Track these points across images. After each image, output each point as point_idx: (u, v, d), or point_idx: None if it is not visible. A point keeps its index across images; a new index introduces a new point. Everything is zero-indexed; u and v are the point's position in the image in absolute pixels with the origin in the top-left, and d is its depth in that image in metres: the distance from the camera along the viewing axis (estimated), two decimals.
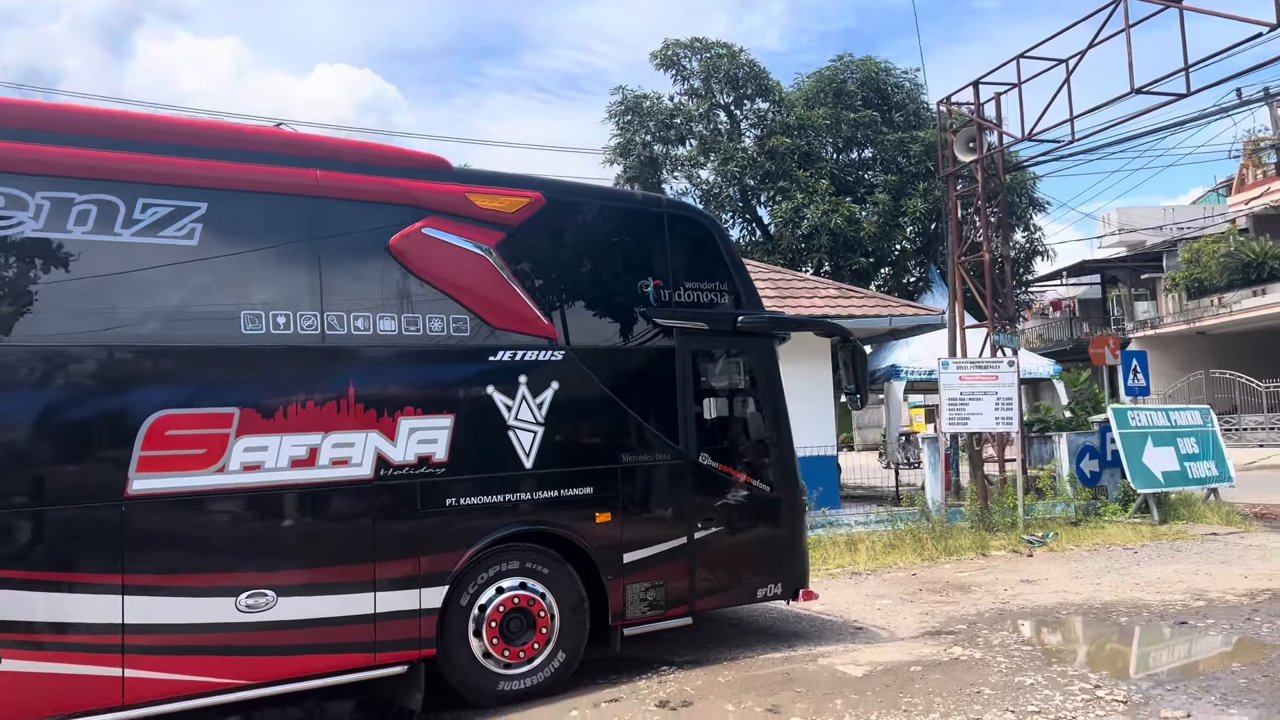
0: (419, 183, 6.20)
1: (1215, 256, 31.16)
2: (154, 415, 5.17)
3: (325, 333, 5.70)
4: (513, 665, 6.12)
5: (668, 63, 22.54)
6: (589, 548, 6.44)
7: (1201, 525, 13.00)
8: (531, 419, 6.29)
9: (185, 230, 5.38)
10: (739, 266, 7.68)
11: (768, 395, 7.44)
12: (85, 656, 4.90)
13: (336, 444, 5.63)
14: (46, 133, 5.21)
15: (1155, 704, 5.68)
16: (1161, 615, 8.03)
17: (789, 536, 7.42)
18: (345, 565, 5.65)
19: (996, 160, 14.81)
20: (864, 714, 5.57)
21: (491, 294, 6.27)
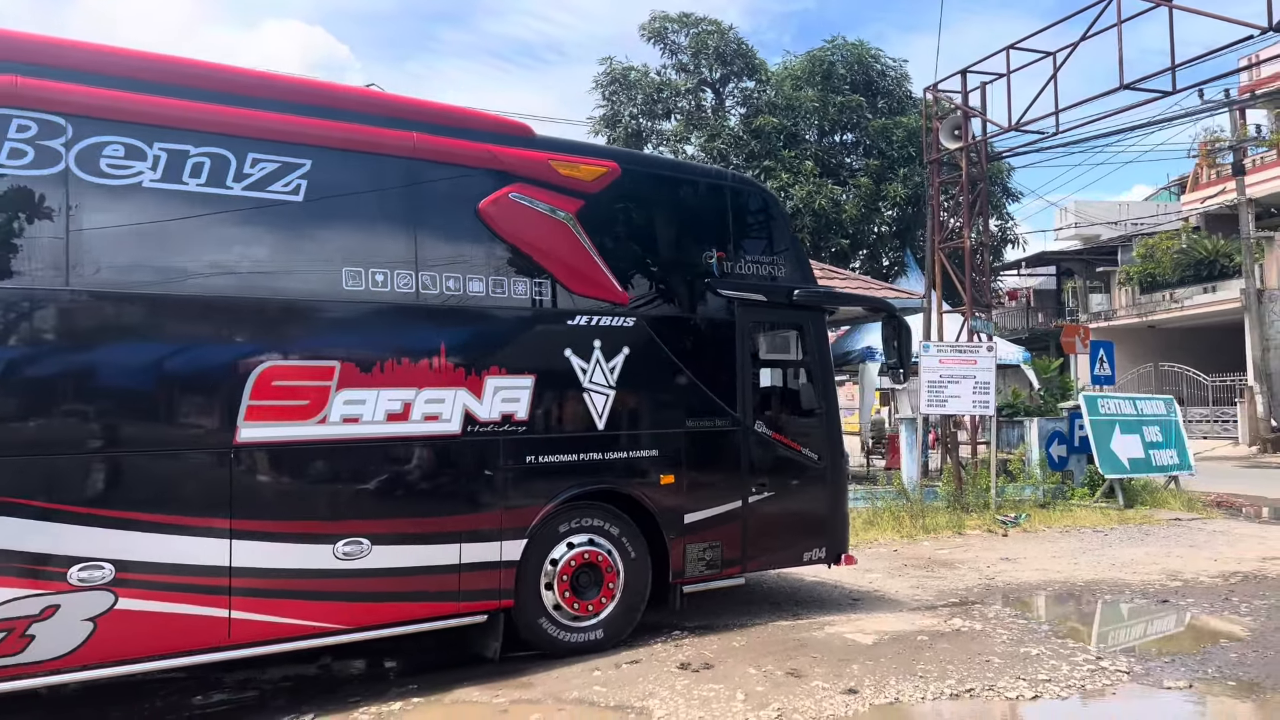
0: (507, 149, 6.32)
1: (1169, 253, 31.99)
2: (261, 366, 5.31)
3: (420, 291, 5.85)
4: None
5: (655, 35, 22.46)
6: (653, 508, 6.67)
7: (1165, 510, 13.47)
8: (604, 382, 6.49)
9: (291, 186, 5.50)
10: (795, 241, 7.99)
11: (818, 367, 7.73)
12: (195, 597, 5.08)
13: (428, 400, 5.81)
14: (162, 84, 5.27)
15: (1156, 675, 5.95)
16: (1143, 594, 8.35)
17: (833, 503, 7.70)
18: (434, 517, 5.87)
19: (981, 148, 15.06)
20: (881, 679, 5.76)
21: (571, 259, 6.44)
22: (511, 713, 5.37)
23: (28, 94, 4.83)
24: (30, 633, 4.67)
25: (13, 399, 4.75)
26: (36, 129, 4.83)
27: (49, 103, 4.88)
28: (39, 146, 4.84)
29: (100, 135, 4.98)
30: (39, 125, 4.84)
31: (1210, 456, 23.75)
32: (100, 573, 4.85)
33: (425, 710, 5.44)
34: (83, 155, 4.93)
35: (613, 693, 5.63)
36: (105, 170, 4.99)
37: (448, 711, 5.45)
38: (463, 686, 5.78)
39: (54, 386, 4.89)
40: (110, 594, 4.86)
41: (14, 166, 4.78)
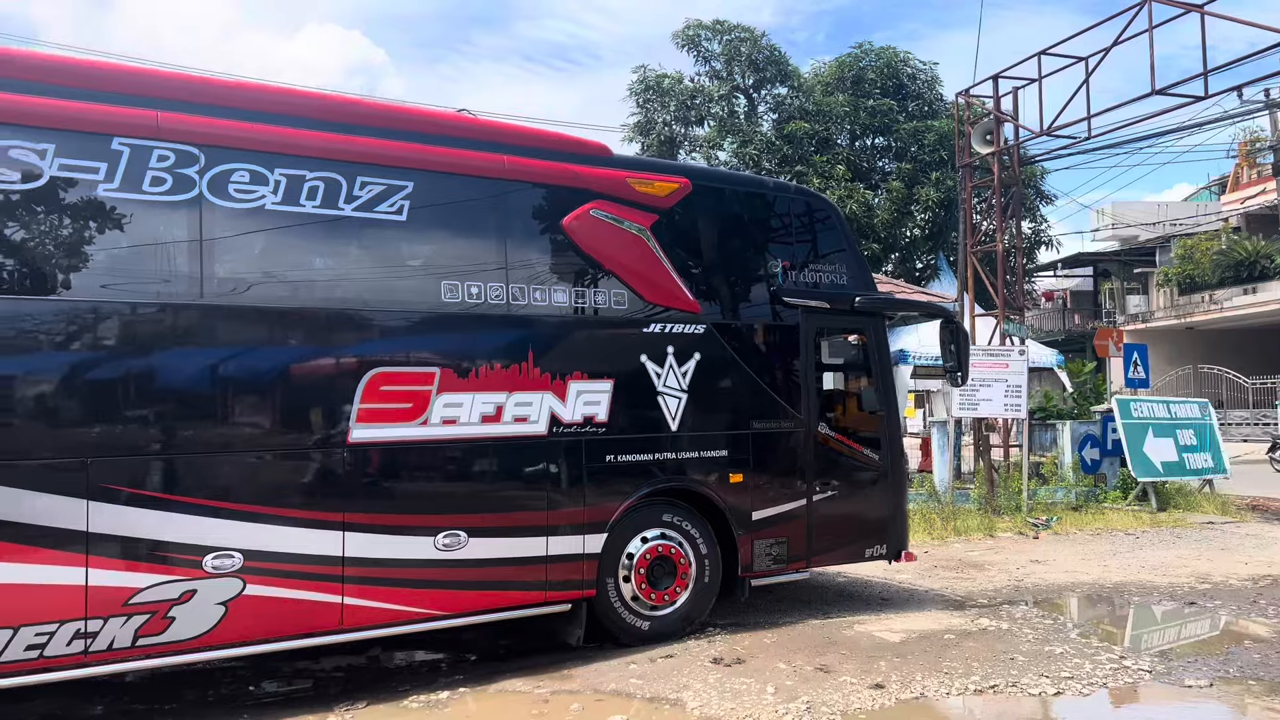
0: (587, 168, 6.79)
1: (1209, 254, 31.69)
2: (371, 372, 5.81)
3: (510, 302, 6.33)
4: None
5: (689, 43, 22.72)
6: (723, 505, 7.06)
7: (1198, 514, 13.48)
8: (677, 386, 6.90)
9: (395, 207, 5.99)
10: (856, 249, 8.36)
11: (879, 371, 8.06)
12: (313, 584, 5.57)
13: (518, 403, 6.28)
14: (280, 114, 5.84)
15: (1178, 674, 6.11)
16: (1171, 596, 8.46)
17: (894, 503, 8.02)
18: (524, 511, 6.33)
19: (1013, 153, 15.14)
20: (908, 675, 5.97)
21: (646, 271, 6.88)
22: (553, 702, 5.64)
23: (167, 128, 5.36)
24: (171, 615, 5.17)
25: (154, 404, 5.26)
26: (174, 159, 5.35)
27: (185, 135, 5.40)
28: (176, 174, 5.35)
29: (229, 163, 5.50)
30: (176, 155, 5.36)
31: (1249, 460, 23.51)
32: (231, 561, 5.32)
33: (471, 699, 5.74)
34: (214, 181, 5.45)
35: (648, 685, 5.89)
36: (233, 194, 5.51)
37: (493, 700, 5.74)
38: (506, 678, 6.07)
39: (190, 392, 5.39)
40: (240, 580, 5.34)
41: (156, 192, 5.30)
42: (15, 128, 4.99)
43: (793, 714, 5.31)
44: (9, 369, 4.95)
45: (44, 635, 4.87)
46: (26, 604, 4.84)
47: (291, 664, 6.40)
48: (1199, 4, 12.42)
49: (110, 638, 5.02)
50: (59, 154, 5.07)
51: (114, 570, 5.04)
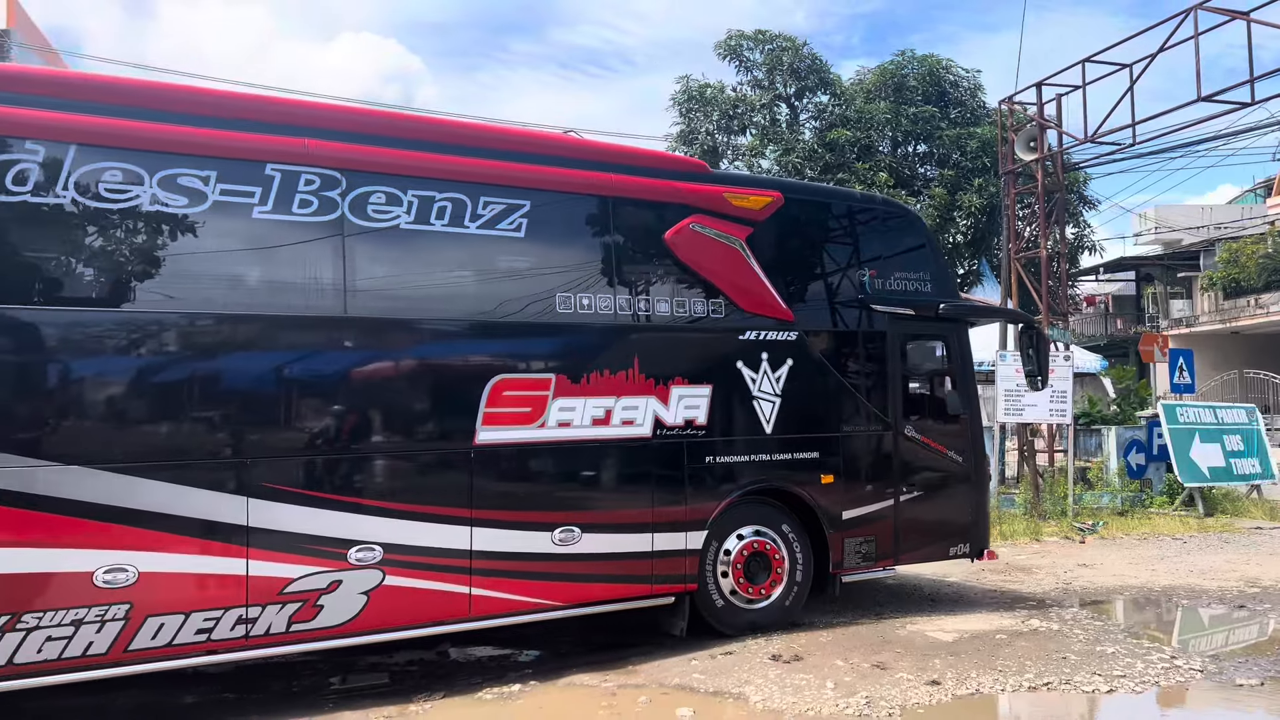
0: (687, 184, 7.19)
1: (1254, 257, 31.29)
2: (495, 378, 6.26)
3: (617, 312, 6.75)
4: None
5: (731, 53, 22.97)
6: (814, 504, 7.39)
7: (1246, 519, 13.48)
8: (771, 390, 7.24)
9: (515, 224, 6.42)
10: (940, 257, 8.72)
11: (961, 375, 8.39)
12: (444, 576, 6.02)
13: (625, 407, 6.68)
14: (411, 140, 6.32)
15: (1230, 674, 6.24)
16: (1220, 599, 8.56)
17: (977, 503, 8.33)
18: (632, 509, 6.75)
19: (1057, 160, 15.21)
20: (963, 673, 6.15)
21: (742, 281, 7.22)
22: (620, 695, 5.89)
23: (313, 153, 5.82)
24: (320, 603, 5.63)
25: (303, 410, 5.77)
26: (319, 182, 5.81)
27: (329, 160, 5.86)
28: (321, 197, 5.81)
29: (367, 186, 5.95)
30: (321, 179, 5.81)
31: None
32: (372, 554, 5.77)
33: (542, 691, 6.00)
34: (354, 203, 5.90)
35: (710, 680, 6.12)
36: (371, 215, 5.96)
37: (562, 693, 6.00)
38: (574, 673, 6.33)
39: (334, 399, 5.87)
40: (380, 572, 5.79)
41: (303, 214, 5.76)
42: (183, 157, 5.45)
43: (853, 708, 5.53)
44: (178, 376, 5.46)
45: (211, 620, 5.34)
46: (197, 592, 5.33)
47: (366, 659, 6.71)
48: (1245, 11, 12.46)
49: (268, 623, 5.49)
50: (220, 180, 5.53)
51: (270, 562, 5.49)
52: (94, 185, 5.23)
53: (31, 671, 4.95)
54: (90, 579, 5.06)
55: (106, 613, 5.08)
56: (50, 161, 5.13)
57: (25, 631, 4.91)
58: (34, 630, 4.93)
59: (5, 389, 5.03)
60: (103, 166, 5.24)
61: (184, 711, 5.80)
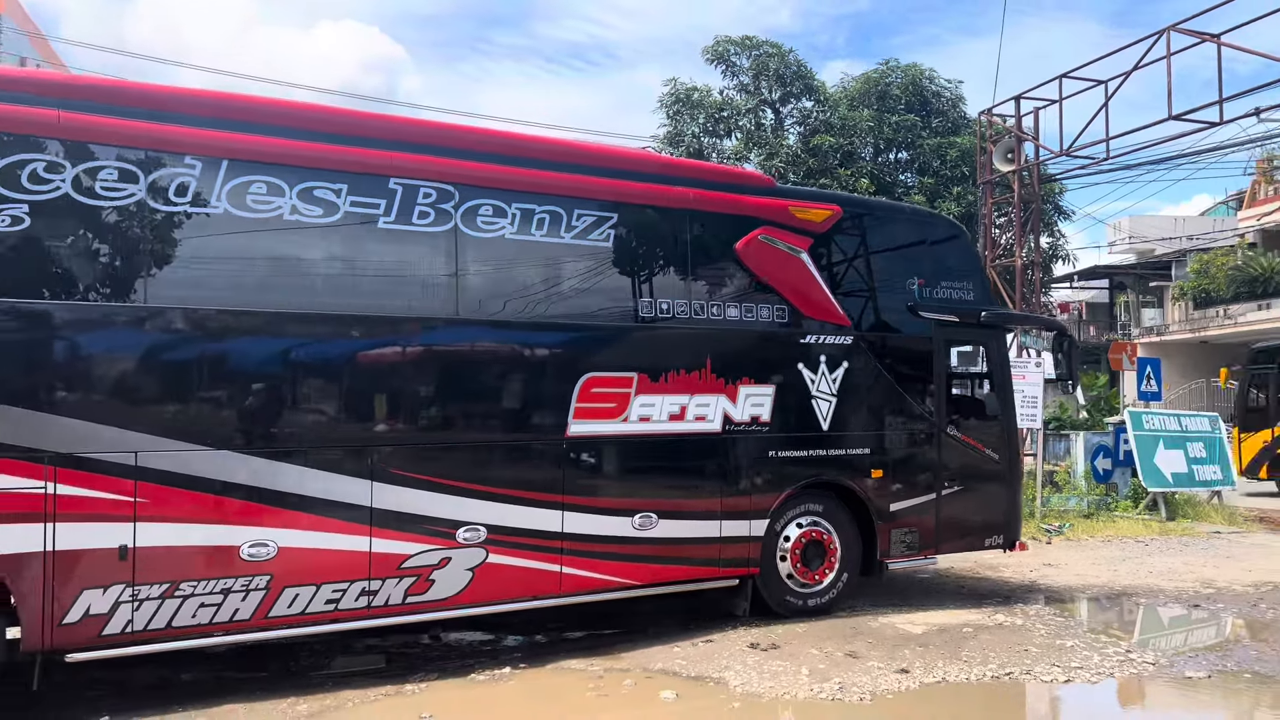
0: (756, 198, 7.75)
1: (1224, 269, 31.96)
2: (585, 376, 6.83)
3: (692, 317, 7.28)
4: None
5: (718, 58, 23.36)
6: (865, 497, 7.96)
7: (1206, 524, 13.94)
8: (828, 390, 7.82)
9: (604, 235, 7.02)
10: (980, 267, 9.34)
11: (1000, 378, 8.97)
12: (539, 555, 6.61)
13: (698, 404, 7.25)
14: (512, 156, 6.84)
15: (1180, 667, 6.63)
16: (1176, 599, 8.97)
17: (1011, 498, 8.87)
18: (703, 498, 7.32)
19: (1033, 171, 15.65)
20: (930, 662, 6.51)
21: (804, 289, 7.78)
22: (606, 679, 6.21)
23: (431, 169, 6.38)
24: (432, 578, 6.23)
25: (420, 402, 6.38)
26: (436, 195, 6.36)
27: (444, 175, 6.41)
28: (437, 209, 6.37)
29: (477, 199, 6.51)
30: (437, 193, 6.37)
31: None
32: (477, 534, 6.36)
33: (532, 675, 6.31)
34: (466, 215, 6.45)
35: (692, 665, 6.45)
36: (480, 226, 6.51)
37: (551, 677, 6.31)
38: (562, 658, 6.64)
39: (448, 392, 6.46)
40: (483, 550, 6.38)
41: (422, 224, 6.33)
42: (316, 171, 6.00)
43: (827, 693, 5.87)
44: (313, 370, 6.09)
45: (339, 591, 5.95)
46: (326, 565, 5.91)
47: (363, 641, 6.98)
48: (1215, 34, 12.92)
49: (387, 595, 6.08)
50: (350, 193, 6.09)
51: (390, 539, 6.08)
52: (243, 196, 5.77)
53: (186, 634, 5.58)
54: (237, 552, 5.65)
55: (250, 583, 5.68)
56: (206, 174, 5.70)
57: (182, 598, 5.51)
58: (190, 597, 5.53)
59: (168, 381, 5.65)
60: (250, 179, 5.79)
61: (190, 689, 6.04)
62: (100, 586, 5.32)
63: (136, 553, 5.39)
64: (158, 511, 5.45)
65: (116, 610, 5.36)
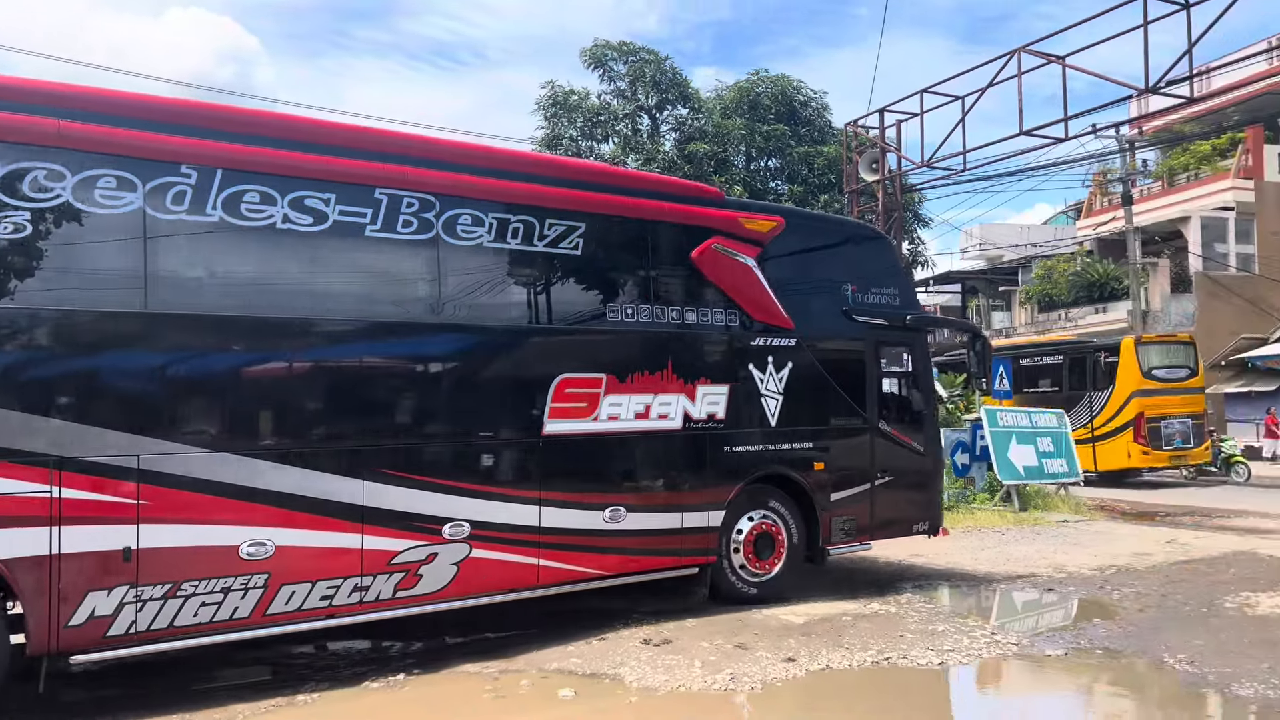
0: (710, 209, 8.23)
1: (1065, 275, 34.18)
2: (559, 377, 7.16)
3: (655, 321, 7.70)
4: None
5: (595, 62, 23.53)
6: (809, 488, 8.53)
7: (1055, 514, 14.92)
8: (775, 390, 8.34)
9: (574, 243, 7.31)
10: (906, 274, 9.93)
11: (923, 377, 9.66)
12: (519, 549, 6.92)
13: (661, 403, 7.68)
14: (487, 169, 7.14)
15: (1040, 646, 7.14)
16: (1033, 584, 9.61)
17: (934, 487, 9.74)
18: (667, 491, 7.79)
19: (896, 181, 16.41)
20: (814, 651, 6.81)
21: (753, 294, 8.26)
22: (503, 680, 6.24)
23: (414, 179, 6.59)
24: (420, 573, 6.48)
25: (407, 402, 6.62)
26: (419, 205, 6.58)
27: (427, 185, 6.63)
28: (420, 218, 6.59)
29: (457, 208, 6.76)
30: (420, 203, 6.59)
31: None
32: (461, 530, 6.63)
33: (427, 680, 6.28)
34: (446, 223, 6.69)
35: (588, 663, 6.55)
36: (460, 234, 6.77)
37: (447, 680, 6.30)
38: (457, 662, 6.64)
39: (433, 392, 6.76)
40: (468, 546, 6.65)
41: (406, 233, 6.53)
42: (307, 181, 6.16)
43: (720, 683, 6.07)
44: (307, 374, 6.26)
45: (333, 588, 6.15)
46: (322, 563, 6.10)
47: (247, 653, 6.79)
48: (1061, 56, 13.87)
49: (378, 591, 6.31)
50: (339, 202, 6.27)
51: (381, 537, 6.30)
52: (237, 205, 5.90)
53: (188, 633, 5.70)
54: (236, 552, 5.80)
55: (250, 581, 5.84)
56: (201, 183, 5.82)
57: (184, 598, 5.64)
58: (191, 597, 5.66)
59: (170, 385, 5.78)
60: (244, 189, 5.93)
61: (63, 710, 5.76)
62: (105, 588, 5.41)
63: (140, 554, 5.50)
64: (160, 513, 5.58)
65: (121, 611, 5.46)
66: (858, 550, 9.27)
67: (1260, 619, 7.86)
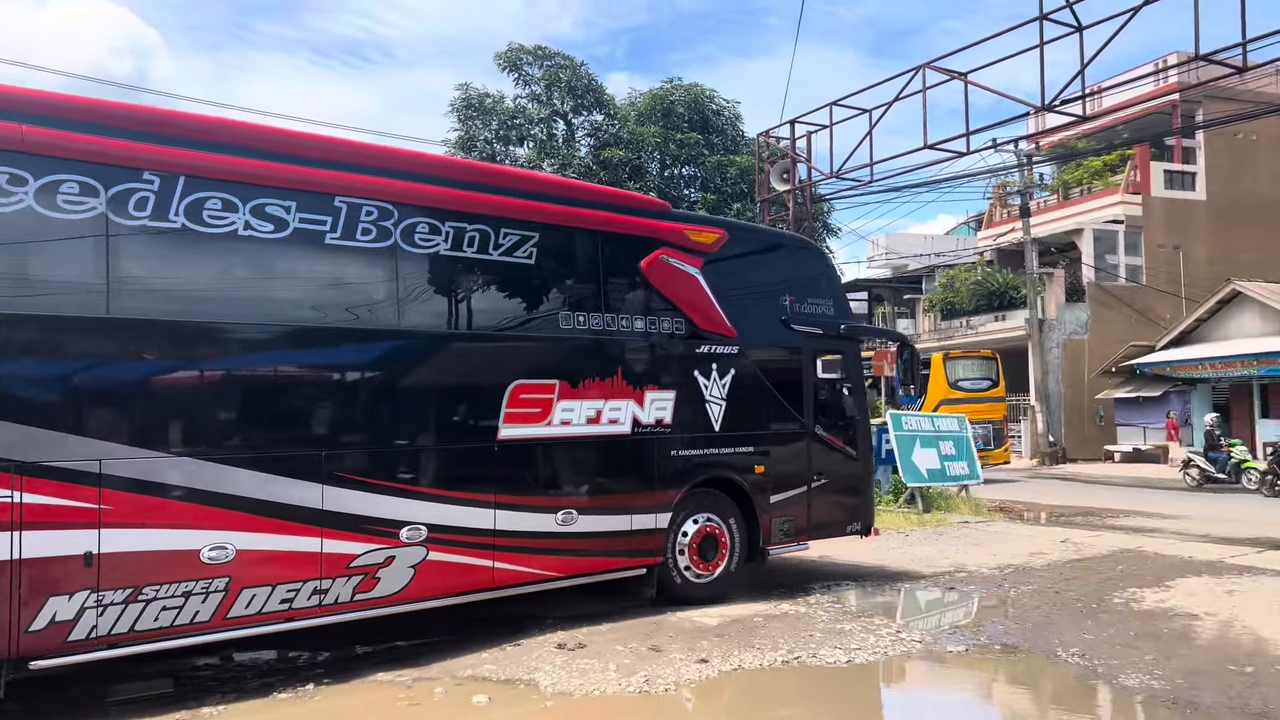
0: (658, 221, 8.45)
1: (967, 284, 35.34)
2: (514, 383, 7.32)
3: (605, 328, 7.92)
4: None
5: (510, 65, 23.43)
6: (750, 490, 8.81)
7: (956, 515, 15.43)
8: (719, 395, 8.61)
9: (527, 253, 7.49)
10: (840, 286, 10.24)
11: (856, 385, 10.06)
12: (475, 551, 7.04)
13: (611, 408, 7.90)
14: (444, 178, 7.30)
15: (943, 643, 7.39)
16: (936, 583, 9.93)
17: (867, 490, 10.12)
18: (617, 494, 7.99)
19: (806, 191, 16.77)
20: (727, 651, 6.93)
21: (699, 303, 8.53)
22: (416, 688, 6.20)
23: (373, 188, 6.70)
24: (378, 576, 6.56)
25: (367, 408, 6.70)
26: (377, 214, 6.69)
27: (386, 194, 6.75)
28: (379, 226, 6.69)
29: (415, 217, 6.88)
30: (379, 211, 6.69)
31: (999, 468, 26.58)
32: (419, 533, 6.73)
33: (338, 690, 6.19)
34: (404, 231, 6.82)
35: (502, 669, 6.55)
36: (418, 243, 6.89)
37: (359, 690, 6.21)
38: (368, 671, 6.55)
39: (389, 398, 6.80)
40: (424, 549, 6.75)
41: (365, 240, 6.65)
42: (268, 189, 6.22)
43: (634, 685, 6.14)
44: (268, 379, 6.35)
45: (293, 591, 6.20)
46: (281, 566, 6.15)
47: (150, 665, 6.58)
48: (963, 72, 14.38)
49: (337, 594, 6.38)
50: (299, 210, 6.34)
51: (340, 540, 6.38)
52: (199, 211, 5.95)
53: (150, 638, 5.71)
54: (197, 556, 5.83)
55: (210, 585, 5.88)
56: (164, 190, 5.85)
57: (145, 602, 5.66)
58: (152, 601, 5.68)
59: (131, 390, 5.78)
60: (206, 195, 5.98)
61: None
62: (66, 593, 5.40)
63: (101, 559, 5.50)
64: (122, 518, 5.58)
65: (82, 616, 5.45)
66: (795, 550, 9.58)
67: (1145, 613, 8.28)
